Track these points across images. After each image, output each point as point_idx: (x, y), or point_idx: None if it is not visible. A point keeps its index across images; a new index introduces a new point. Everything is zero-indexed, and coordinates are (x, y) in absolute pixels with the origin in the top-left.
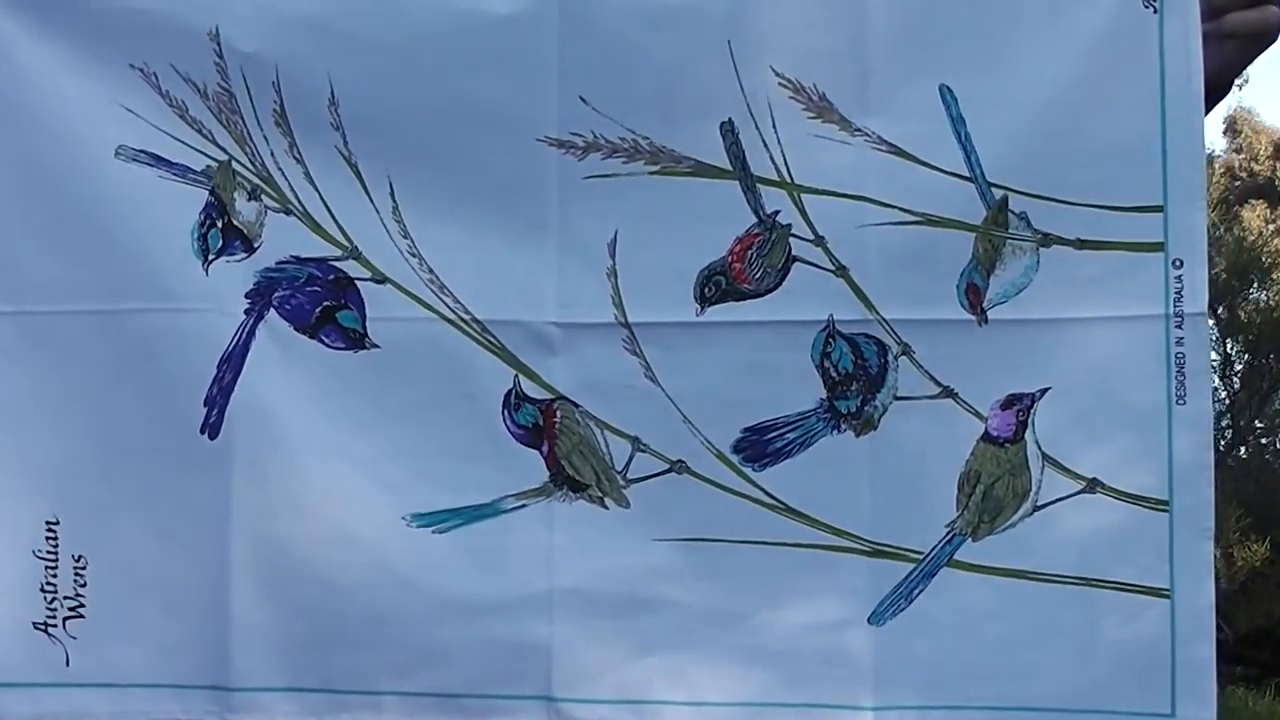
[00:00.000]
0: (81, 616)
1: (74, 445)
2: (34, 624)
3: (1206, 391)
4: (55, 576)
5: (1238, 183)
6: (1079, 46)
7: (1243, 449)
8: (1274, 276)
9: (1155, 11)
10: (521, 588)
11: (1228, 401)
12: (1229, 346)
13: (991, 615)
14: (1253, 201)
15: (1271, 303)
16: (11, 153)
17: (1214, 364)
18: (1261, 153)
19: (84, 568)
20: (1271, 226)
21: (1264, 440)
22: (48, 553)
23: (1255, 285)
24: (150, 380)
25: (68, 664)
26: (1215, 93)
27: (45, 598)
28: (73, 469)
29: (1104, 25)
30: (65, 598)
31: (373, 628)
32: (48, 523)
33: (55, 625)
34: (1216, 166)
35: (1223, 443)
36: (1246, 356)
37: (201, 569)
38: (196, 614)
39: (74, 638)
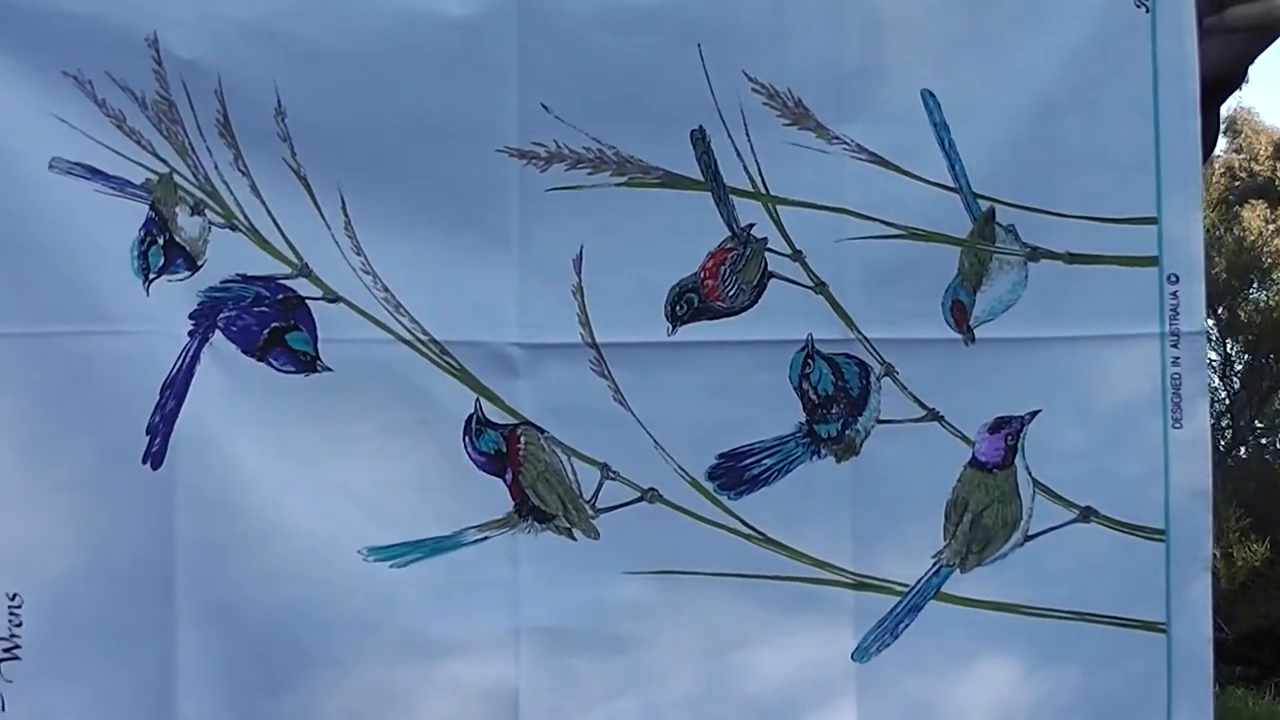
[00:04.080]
0: (17, 659)
1: (5, 475)
2: None
3: (1204, 415)
4: None
5: (1238, 183)
6: (1067, 49)
7: (1243, 449)
8: (1274, 277)
9: (1147, 10)
10: (486, 626)
11: (1227, 401)
12: (1229, 346)
13: (981, 651)
14: (1253, 201)
15: (1271, 303)
16: None
17: (1214, 364)
18: (1261, 153)
19: (19, 606)
20: (1271, 226)
21: (1264, 440)
22: None
23: (1255, 285)
24: (87, 407)
25: (3, 709)
26: (1227, 85)
27: None
28: (5, 501)
29: (1093, 26)
30: (0, 639)
31: (328, 670)
32: None
33: None
34: (1217, 166)
35: (1222, 443)
36: (1246, 357)
37: (144, 609)
38: (140, 657)
39: (9, 681)
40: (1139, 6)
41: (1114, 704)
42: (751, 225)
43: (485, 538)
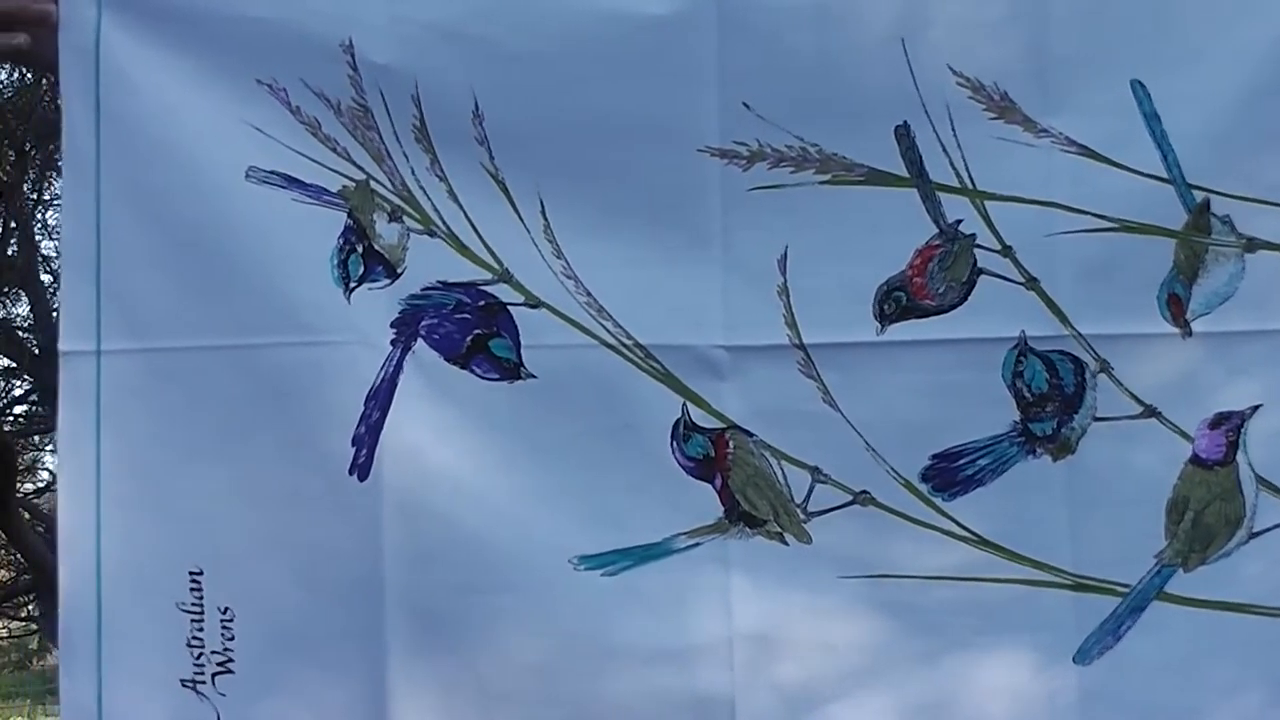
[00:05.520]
0: (231, 672)
1: (214, 490)
2: (181, 681)
3: None
4: (201, 630)
5: None
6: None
7: None
8: None
9: None
10: (699, 635)
11: None
12: None
13: (1207, 652)
14: None
15: None
16: (131, 178)
17: None
18: None
19: (231, 620)
20: None
21: None
22: (192, 605)
23: None
24: (292, 419)
25: None
26: None
27: (192, 653)
28: (214, 515)
29: None
30: (213, 652)
31: (540, 681)
32: (191, 573)
33: (204, 682)
34: None
35: None
36: None
37: (354, 620)
38: (351, 668)
39: (224, 695)
40: None
41: None
42: (959, 221)
43: (696, 544)
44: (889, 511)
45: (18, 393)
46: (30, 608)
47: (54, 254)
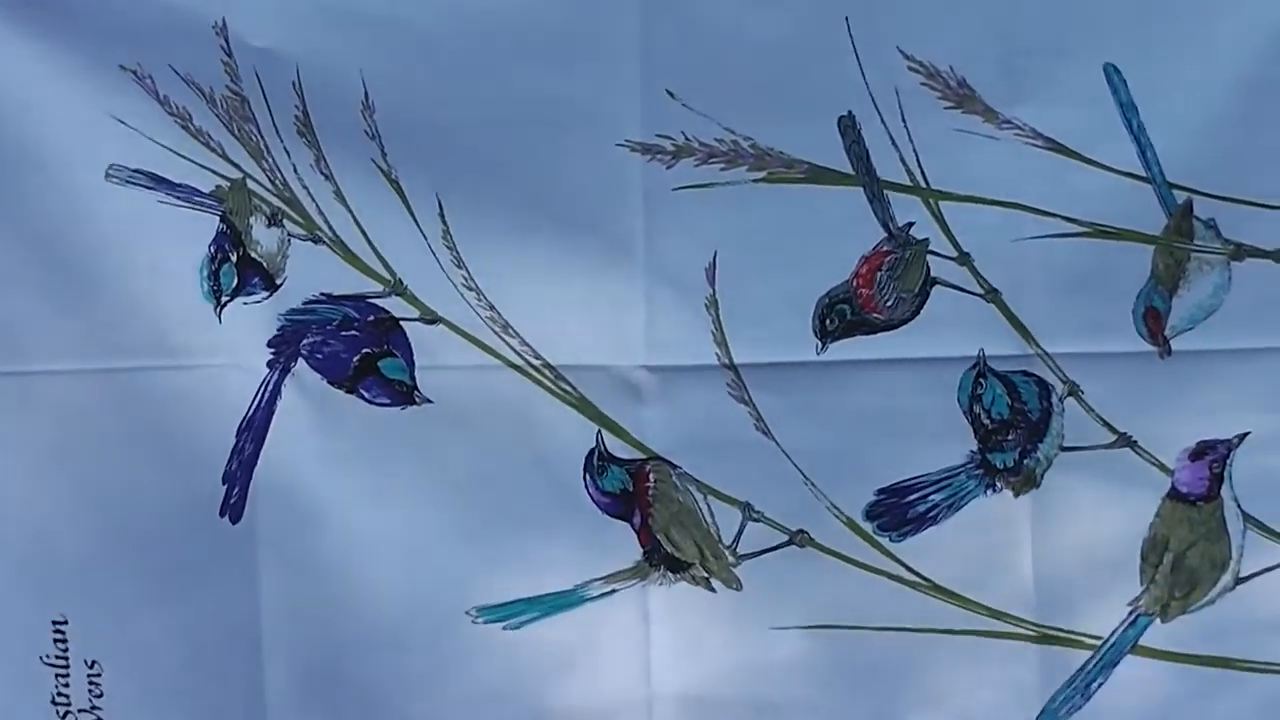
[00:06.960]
0: None
1: (81, 530)
2: None
3: None
4: (67, 686)
5: None
6: (1274, 16)
7: None
8: None
9: None
10: (615, 695)
11: None
12: None
13: (1187, 712)
14: None
15: None
16: None
17: None
18: None
19: (99, 675)
20: None
21: None
22: (57, 658)
23: None
24: (161, 453)
25: None
26: None
27: (57, 711)
28: (80, 559)
29: None
30: (80, 710)
31: None
32: (54, 623)
33: None
34: None
35: None
36: None
37: (232, 675)
38: None
39: None
40: None
41: None
42: (911, 224)
43: (611, 591)
44: (829, 553)
45: None
46: None
47: None
